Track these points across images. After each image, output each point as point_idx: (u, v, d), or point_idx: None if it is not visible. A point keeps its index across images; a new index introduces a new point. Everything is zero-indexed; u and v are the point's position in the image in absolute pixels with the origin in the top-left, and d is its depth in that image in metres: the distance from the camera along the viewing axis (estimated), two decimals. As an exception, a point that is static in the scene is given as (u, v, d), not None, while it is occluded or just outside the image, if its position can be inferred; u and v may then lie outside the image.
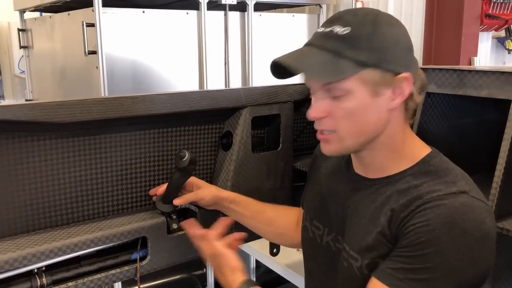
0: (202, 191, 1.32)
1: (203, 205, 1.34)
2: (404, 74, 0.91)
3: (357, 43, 0.88)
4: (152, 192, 1.35)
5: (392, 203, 0.94)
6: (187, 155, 1.23)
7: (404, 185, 0.95)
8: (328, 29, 0.91)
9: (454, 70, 1.17)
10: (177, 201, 1.29)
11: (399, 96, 0.92)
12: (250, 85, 2.73)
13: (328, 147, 0.98)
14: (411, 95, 0.94)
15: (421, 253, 0.85)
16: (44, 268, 1.15)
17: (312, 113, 0.95)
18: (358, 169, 1.06)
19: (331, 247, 1.08)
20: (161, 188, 1.32)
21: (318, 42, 0.92)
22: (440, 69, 1.20)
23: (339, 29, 0.90)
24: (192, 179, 1.33)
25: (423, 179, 0.93)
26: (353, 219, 1.02)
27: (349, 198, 1.05)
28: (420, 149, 1.00)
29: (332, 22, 0.92)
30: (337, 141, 0.96)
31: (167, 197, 1.30)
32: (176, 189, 1.29)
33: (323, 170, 1.18)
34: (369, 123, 0.93)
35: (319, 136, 0.98)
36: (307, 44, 0.95)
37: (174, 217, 1.35)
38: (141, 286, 2.49)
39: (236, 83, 2.76)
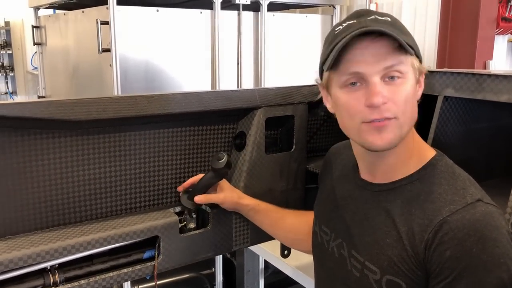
0: (224, 195, 1.32)
1: (223, 207, 1.35)
2: (425, 66, 0.94)
3: (402, 30, 0.90)
4: (180, 188, 1.36)
5: (407, 214, 0.92)
6: (224, 158, 1.24)
7: (413, 191, 0.94)
8: (369, 17, 0.88)
9: (473, 74, 1.15)
10: (197, 199, 1.28)
11: (420, 88, 0.94)
12: (263, 86, 2.73)
13: (387, 136, 0.89)
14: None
15: (471, 279, 0.83)
16: (57, 265, 1.15)
17: (378, 98, 0.86)
18: (364, 174, 1.04)
19: (335, 253, 1.07)
20: (188, 182, 1.33)
21: (371, 24, 0.87)
22: (459, 73, 1.18)
23: (380, 18, 0.88)
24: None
25: (431, 184, 0.93)
26: (364, 228, 1.00)
27: (356, 204, 1.04)
28: (427, 151, 0.99)
29: (361, 15, 0.90)
30: (397, 128, 0.89)
31: (194, 194, 1.30)
32: (204, 188, 1.30)
33: (333, 175, 1.17)
34: (415, 110, 0.93)
35: (378, 124, 0.88)
36: (363, 26, 0.87)
37: (194, 215, 1.35)
38: (149, 284, 2.49)
39: (248, 83, 2.76)
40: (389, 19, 0.90)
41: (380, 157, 0.97)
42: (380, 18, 0.89)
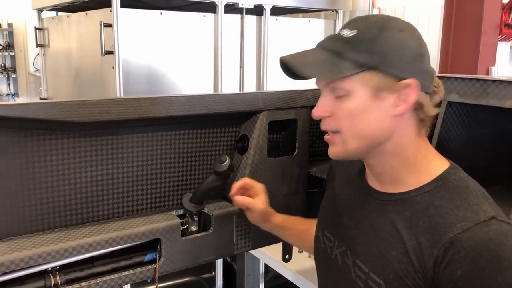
0: (264, 207, 1.29)
1: (247, 216, 1.32)
2: (408, 80, 0.88)
3: (359, 45, 0.89)
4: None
5: (414, 228, 0.90)
6: (227, 161, 1.23)
7: (422, 203, 0.91)
8: (337, 32, 0.93)
9: (478, 79, 1.15)
10: (237, 198, 1.27)
11: (404, 104, 0.89)
12: (265, 89, 2.73)
13: (332, 149, 0.96)
14: (420, 105, 0.91)
15: None
16: (58, 267, 1.14)
17: (315, 111, 0.95)
18: (371, 181, 1.03)
19: (338, 261, 1.05)
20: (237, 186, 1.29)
21: (325, 43, 0.94)
22: (463, 78, 1.18)
23: (346, 32, 0.91)
24: (262, 188, 1.31)
25: (442, 198, 0.90)
26: (369, 238, 0.98)
27: (362, 212, 1.02)
28: (438, 164, 0.96)
29: (345, 25, 0.94)
30: (341, 143, 0.94)
31: (196, 197, 1.30)
32: (206, 191, 1.29)
33: (338, 180, 1.16)
34: (371, 126, 0.91)
35: (325, 137, 0.97)
36: (317, 45, 0.96)
37: (196, 218, 1.34)
38: (150, 287, 2.48)
39: (250, 86, 2.76)
40: (352, 34, 0.90)
41: (369, 166, 1.00)
42: (343, 32, 0.92)
